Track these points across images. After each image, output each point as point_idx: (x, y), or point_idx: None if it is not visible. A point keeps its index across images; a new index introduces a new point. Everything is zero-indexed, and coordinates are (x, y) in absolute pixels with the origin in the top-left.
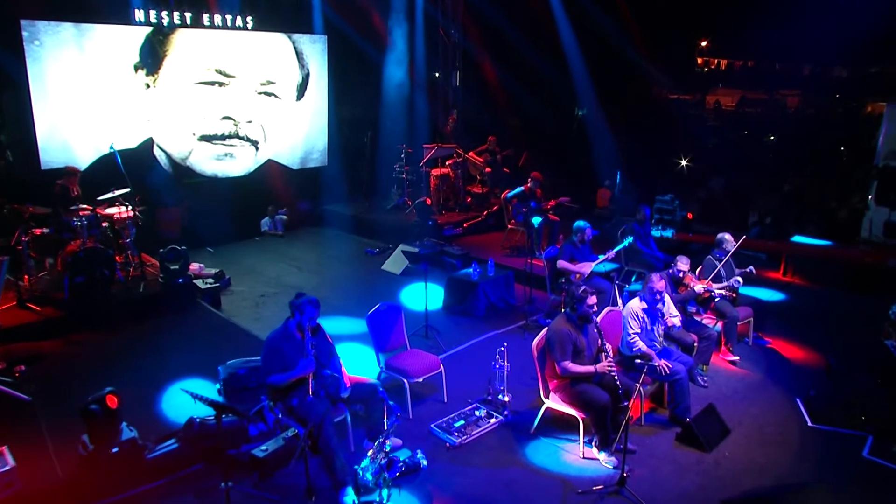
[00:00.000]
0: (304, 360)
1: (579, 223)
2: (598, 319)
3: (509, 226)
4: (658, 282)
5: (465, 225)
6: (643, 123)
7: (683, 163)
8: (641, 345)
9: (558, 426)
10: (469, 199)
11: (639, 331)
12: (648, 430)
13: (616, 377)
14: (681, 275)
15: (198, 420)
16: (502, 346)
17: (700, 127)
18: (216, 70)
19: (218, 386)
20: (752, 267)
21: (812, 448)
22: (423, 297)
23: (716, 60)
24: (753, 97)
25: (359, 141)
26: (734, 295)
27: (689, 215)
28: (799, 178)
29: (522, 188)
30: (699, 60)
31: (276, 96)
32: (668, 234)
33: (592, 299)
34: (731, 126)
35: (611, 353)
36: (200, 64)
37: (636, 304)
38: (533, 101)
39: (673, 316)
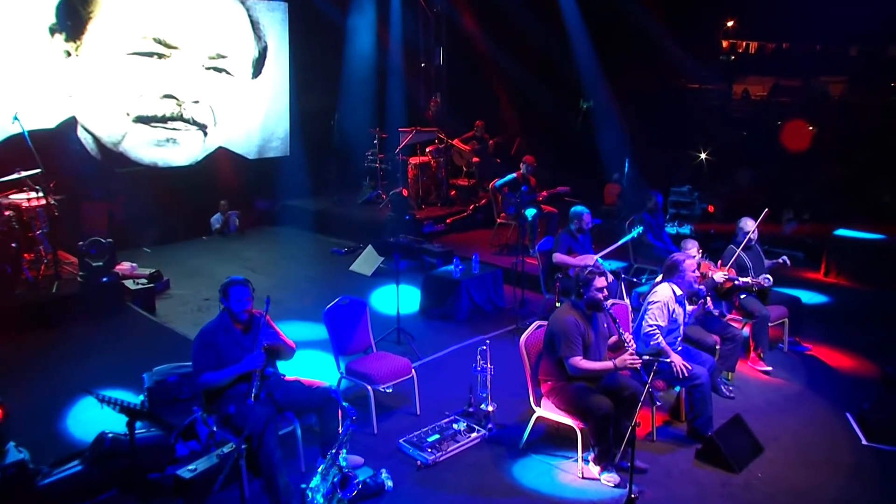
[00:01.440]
0: (250, 354)
1: (577, 208)
2: (612, 314)
3: (499, 220)
4: (688, 257)
5: (448, 221)
6: (658, 114)
7: (703, 156)
8: (660, 339)
9: (552, 441)
10: (453, 193)
11: (662, 324)
12: (662, 446)
13: (639, 369)
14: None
15: (110, 436)
16: (484, 345)
17: (725, 118)
18: (154, 39)
19: (142, 397)
20: (784, 257)
21: (867, 470)
22: (396, 296)
23: (744, 43)
24: (788, 84)
25: (326, 126)
26: (762, 284)
27: (711, 208)
28: (846, 168)
29: (514, 175)
30: (724, 44)
31: (227, 73)
32: (686, 230)
33: (601, 281)
34: (761, 116)
35: (630, 346)
36: (135, 31)
37: (666, 292)
38: (531, 83)
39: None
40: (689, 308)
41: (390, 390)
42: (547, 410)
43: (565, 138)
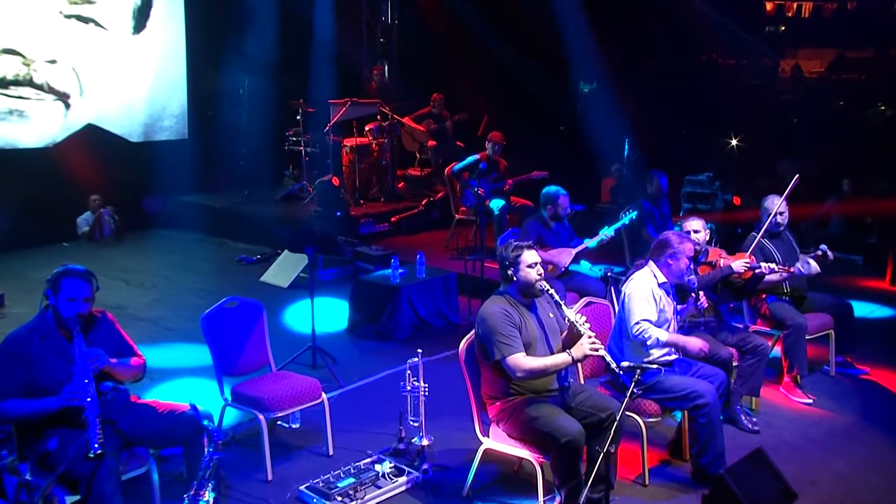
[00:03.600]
0: (70, 382)
1: (551, 188)
2: (556, 296)
3: (457, 215)
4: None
5: (393, 220)
6: (679, 95)
7: (734, 142)
8: (658, 332)
9: (508, 484)
10: (402, 185)
11: (653, 316)
12: (657, 491)
13: (608, 360)
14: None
15: None
16: (416, 356)
17: (769, 99)
18: None
19: None
20: (824, 246)
21: None
22: (310, 307)
23: (795, 5)
24: (855, 57)
25: (235, 100)
26: (792, 272)
27: (737, 200)
28: None
29: (476, 157)
30: (769, 7)
31: (97, 24)
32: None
33: (531, 255)
34: (817, 98)
35: (585, 329)
36: None
37: (646, 278)
38: (510, 53)
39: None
40: (679, 306)
41: (297, 425)
42: (497, 441)
43: (554, 124)
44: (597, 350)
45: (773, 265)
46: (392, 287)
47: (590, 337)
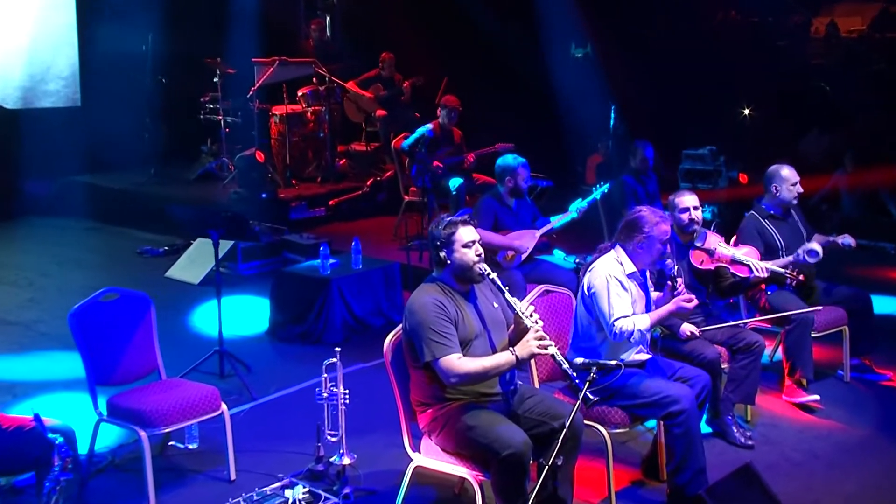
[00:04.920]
0: None
1: (507, 158)
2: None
3: (406, 197)
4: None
5: (331, 203)
6: (683, 59)
7: (746, 112)
8: (638, 320)
9: None
10: (344, 162)
11: (628, 310)
12: None
13: (559, 360)
14: (690, 220)
15: None
16: (333, 357)
17: (798, 63)
18: None
19: None
20: (847, 237)
21: None
22: (217, 303)
23: None
24: None
25: (139, 60)
26: (800, 278)
27: (743, 177)
28: None
29: (428, 127)
30: None
31: None
32: (707, 213)
33: (467, 232)
34: (856, 61)
35: (535, 321)
36: None
37: (613, 267)
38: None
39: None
40: (654, 295)
41: (194, 445)
42: (429, 457)
43: (529, 90)
44: (546, 348)
45: (776, 266)
46: (321, 280)
47: (537, 332)
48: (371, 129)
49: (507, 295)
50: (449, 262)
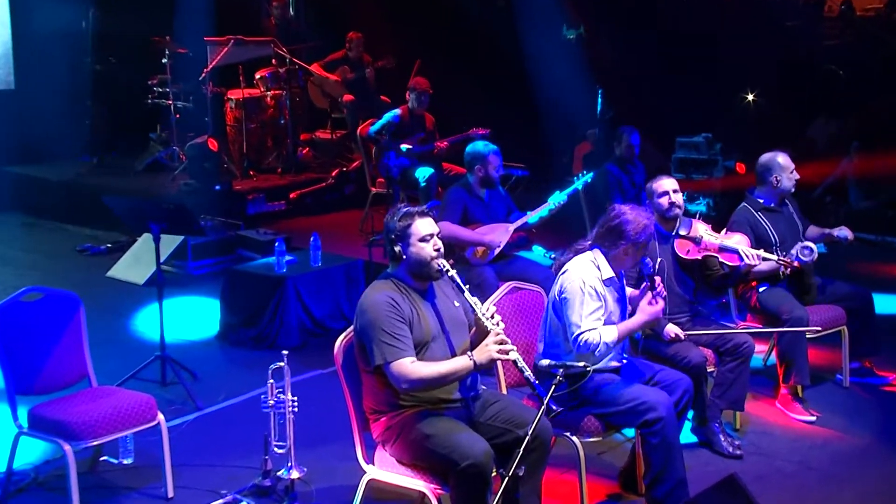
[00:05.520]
0: None
1: (477, 145)
2: (458, 278)
3: (374, 188)
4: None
5: (293, 196)
6: (681, 42)
7: (750, 97)
8: (605, 332)
9: None
10: (307, 152)
11: (598, 321)
12: None
13: (521, 366)
14: (670, 203)
15: None
16: (280, 362)
17: (808, 45)
18: None
19: None
20: (844, 229)
21: None
22: (159, 304)
23: None
24: None
25: (77, 36)
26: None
27: (741, 167)
28: None
29: (396, 113)
30: None
31: None
32: (702, 206)
33: (425, 224)
34: (872, 42)
35: (497, 323)
36: None
37: (589, 272)
38: None
39: None
40: (630, 291)
41: (129, 460)
42: (384, 469)
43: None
44: (506, 353)
45: (764, 252)
46: (275, 279)
47: (498, 335)
48: (337, 116)
49: (467, 294)
50: (404, 256)
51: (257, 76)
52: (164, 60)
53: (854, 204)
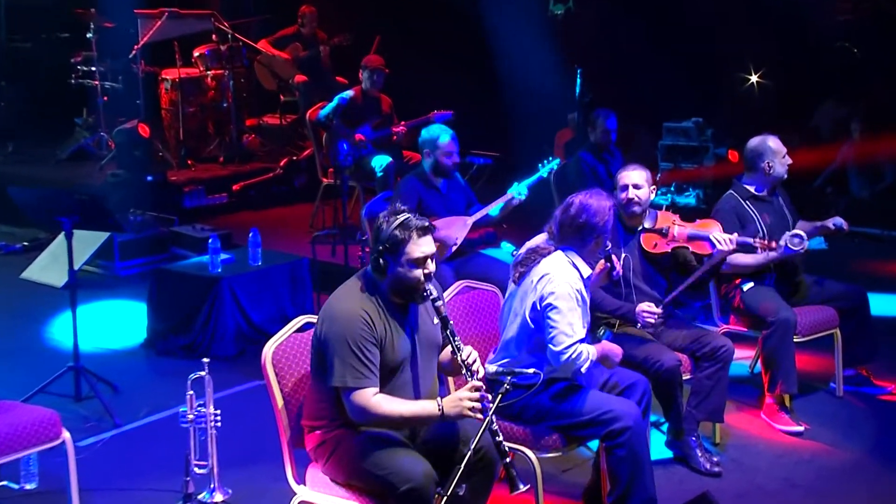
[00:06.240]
0: None
1: (432, 129)
2: (444, 309)
3: (325, 179)
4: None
5: (235, 188)
6: (678, 16)
7: (754, 78)
8: (589, 349)
9: None
10: (252, 138)
11: (581, 331)
12: None
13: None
14: (628, 199)
15: None
16: (202, 371)
17: (818, 22)
18: None
19: None
20: (838, 219)
21: None
22: (72, 309)
23: None
24: None
25: None
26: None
27: (733, 155)
28: None
29: (349, 94)
30: None
31: None
32: (691, 198)
33: (426, 244)
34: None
35: (476, 372)
36: None
37: (571, 276)
38: None
39: None
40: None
41: (32, 485)
42: (316, 489)
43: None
44: (477, 411)
45: (738, 236)
46: (209, 280)
47: (476, 389)
48: (288, 99)
49: (451, 330)
50: (387, 273)
51: (196, 54)
52: (88, 35)
53: (856, 193)
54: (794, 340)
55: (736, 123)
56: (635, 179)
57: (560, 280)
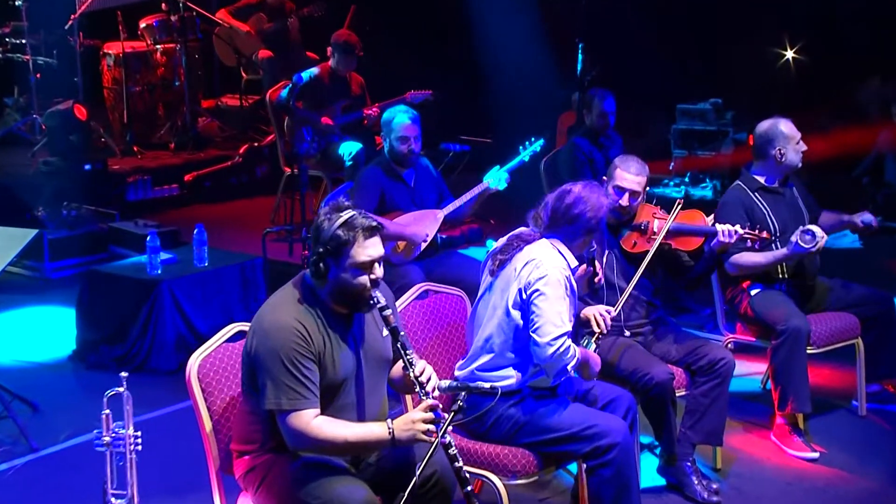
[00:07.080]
0: None
1: (394, 111)
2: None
3: (287, 169)
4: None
5: (187, 178)
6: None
7: (790, 54)
8: (575, 348)
9: None
10: (208, 122)
11: (566, 325)
12: None
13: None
14: (620, 207)
15: None
16: (120, 386)
17: None
18: None
19: None
20: (867, 215)
21: None
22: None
23: None
24: None
25: None
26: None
27: (753, 140)
28: None
29: (314, 72)
30: None
31: None
32: (707, 190)
33: (373, 246)
34: None
35: (430, 383)
36: None
37: (560, 265)
38: None
39: None
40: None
41: None
42: None
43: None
44: (430, 435)
45: (733, 227)
46: (147, 282)
47: (432, 409)
48: (252, 77)
49: (402, 344)
50: (328, 278)
51: (142, 25)
52: (16, 3)
53: (895, 181)
54: (809, 352)
55: (759, 105)
56: (634, 187)
57: (549, 265)
